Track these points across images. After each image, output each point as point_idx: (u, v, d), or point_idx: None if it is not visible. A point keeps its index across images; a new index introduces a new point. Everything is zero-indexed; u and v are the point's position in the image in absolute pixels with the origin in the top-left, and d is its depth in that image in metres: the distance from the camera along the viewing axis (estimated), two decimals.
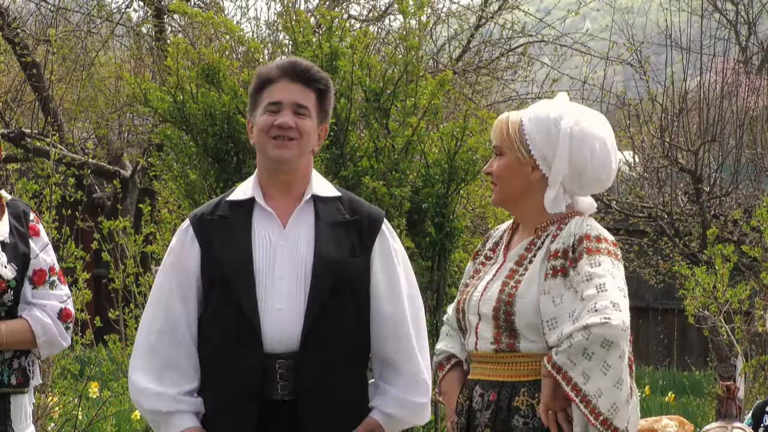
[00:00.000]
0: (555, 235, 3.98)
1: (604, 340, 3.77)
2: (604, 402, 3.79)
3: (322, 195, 4.26)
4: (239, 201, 4.24)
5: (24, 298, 4.55)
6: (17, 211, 4.61)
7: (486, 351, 3.99)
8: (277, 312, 4.11)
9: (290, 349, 4.10)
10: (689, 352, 16.05)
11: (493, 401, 3.95)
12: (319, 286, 4.13)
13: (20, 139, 13.77)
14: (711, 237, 9.56)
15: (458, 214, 7.56)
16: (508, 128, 4.01)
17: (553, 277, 3.92)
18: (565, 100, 4.09)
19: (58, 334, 4.57)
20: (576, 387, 3.79)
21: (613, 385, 3.80)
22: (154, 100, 7.76)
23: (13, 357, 4.55)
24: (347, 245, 4.20)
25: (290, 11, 8.35)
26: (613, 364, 3.79)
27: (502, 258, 4.10)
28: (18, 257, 4.53)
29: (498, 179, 4.03)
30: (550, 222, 4.02)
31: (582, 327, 3.78)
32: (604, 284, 3.83)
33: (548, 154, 3.99)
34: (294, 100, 4.18)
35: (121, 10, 15.54)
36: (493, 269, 4.08)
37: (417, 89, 7.58)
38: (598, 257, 3.89)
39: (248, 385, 4.10)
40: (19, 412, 4.58)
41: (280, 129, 4.16)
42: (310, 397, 4.11)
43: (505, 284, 3.97)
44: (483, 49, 14.82)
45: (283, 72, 4.21)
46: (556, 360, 3.81)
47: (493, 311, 3.95)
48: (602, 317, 3.78)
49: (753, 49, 20.08)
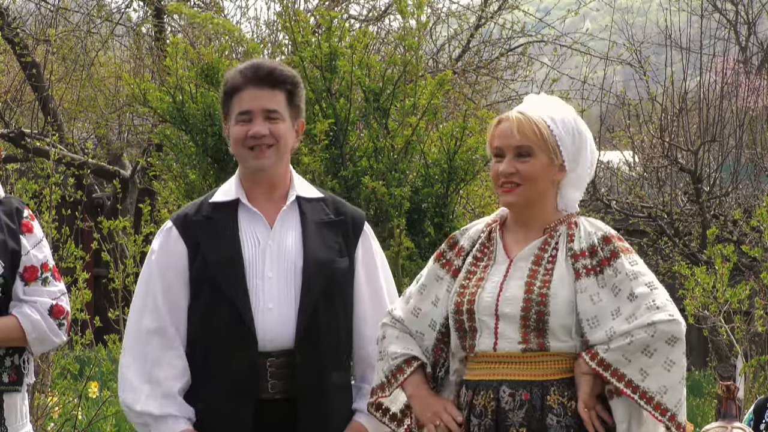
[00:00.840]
0: (571, 236, 4.00)
1: (671, 336, 3.83)
2: (671, 398, 3.82)
3: (306, 196, 4.28)
4: (224, 202, 4.23)
5: (16, 296, 4.54)
6: (10, 208, 4.60)
7: (511, 351, 3.97)
8: (269, 311, 4.11)
9: (282, 347, 4.11)
10: (689, 352, 16.00)
11: (527, 400, 3.95)
12: (311, 285, 4.14)
13: (20, 139, 13.78)
14: (711, 237, 9.56)
15: (458, 214, 7.55)
16: (540, 129, 4.00)
17: (586, 276, 3.94)
18: (558, 100, 4.14)
19: (48, 331, 4.54)
20: (632, 384, 3.82)
21: (678, 381, 3.85)
22: (153, 100, 7.77)
23: (5, 355, 4.54)
24: (335, 245, 4.22)
25: (290, 11, 8.35)
26: (677, 360, 3.84)
27: (504, 258, 4.08)
28: (6, 254, 4.52)
29: (525, 180, 4.01)
30: (558, 222, 4.04)
31: (647, 324, 3.82)
32: (653, 282, 3.91)
33: (573, 156, 4.05)
34: (263, 107, 4.16)
35: (121, 10, 15.56)
36: (499, 270, 4.06)
37: (416, 89, 7.58)
38: (632, 256, 3.96)
39: (243, 384, 4.09)
40: (13, 411, 4.56)
41: (255, 139, 4.15)
42: (305, 395, 4.11)
43: (531, 284, 3.97)
44: (483, 49, 14.83)
45: (247, 78, 4.18)
46: (605, 357, 3.83)
47: (522, 311, 3.94)
48: (668, 314, 3.84)
49: (753, 49, 20.09)
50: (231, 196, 4.23)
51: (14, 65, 15.16)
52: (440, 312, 4.11)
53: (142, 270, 4.25)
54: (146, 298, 4.21)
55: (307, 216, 4.22)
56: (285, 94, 4.19)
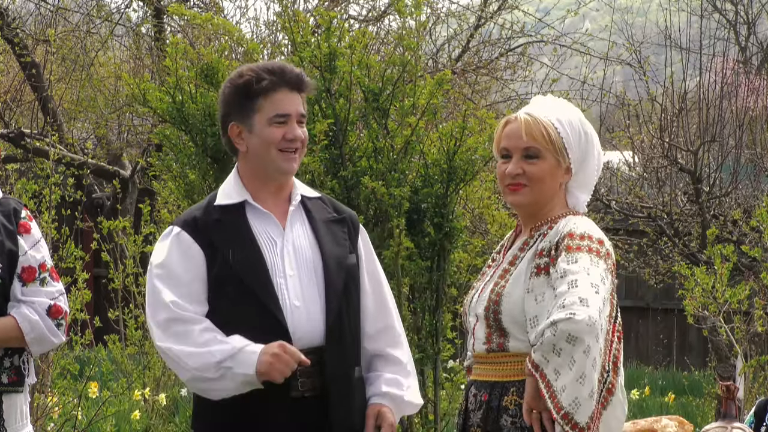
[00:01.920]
0: (545, 234, 4.00)
1: (569, 335, 3.78)
2: (567, 397, 3.79)
3: (309, 195, 4.31)
4: (231, 205, 4.23)
5: (14, 296, 4.54)
6: (7, 208, 4.60)
7: (480, 352, 4.02)
8: (297, 309, 4.13)
9: (312, 345, 4.12)
10: (689, 352, 16.05)
11: (485, 401, 3.99)
12: (333, 283, 4.17)
13: (20, 139, 13.78)
14: (710, 237, 9.57)
15: (457, 214, 7.55)
16: (548, 131, 4.00)
17: (536, 276, 3.95)
18: (564, 101, 4.14)
19: (47, 331, 4.54)
20: (549, 384, 3.81)
21: (576, 380, 3.80)
22: (153, 100, 7.76)
23: (5, 355, 4.54)
24: (344, 242, 4.25)
25: (289, 11, 8.35)
26: (577, 359, 3.79)
27: (501, 260, 4.12)
28: (3, 255, 4.52)
29: (533, 182, 4.01)
30: (544, 222, 4.05)
31: (549, 323, 3.80)
32: (576, 281, 3.84)
33: (580, 158, 4.07)
34: (299, 111, 4.19)
35: (121, 10, 15.55)
36: (492, 272, 4.12)
37: (416, 89, 7.58)
38: (576, 254, 3.90)
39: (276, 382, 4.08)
40: (13, 412, 4.56)
41: (290, 142, 4.17)
42: (335, 392, 4.14)
43: (496, 284, 4.01)
44: (482, 49, 14.83)
45: (280, 79, 4.18)
46: (534, 358, 3.83)
47: (484, 311, 3.98)
48: (567, 312, 3.78)
49: (752, 49, 20.11)
50: (236, 199, 4.23)
51: (14, 65, 15.15)
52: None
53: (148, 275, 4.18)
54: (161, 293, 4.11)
55: (313, 214, 4.25)
56: (305, 99, 4.25)
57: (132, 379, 9.68)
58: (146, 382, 9.91)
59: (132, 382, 9.63)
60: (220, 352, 4.03)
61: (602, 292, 3.85)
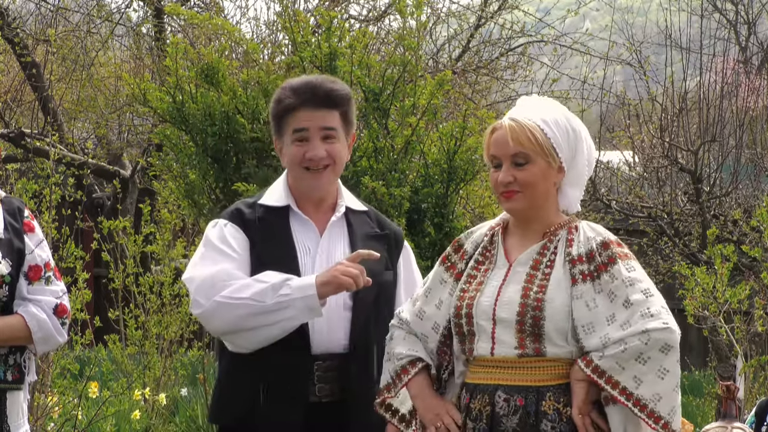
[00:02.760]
0: (570, 240, 4.00)
1: (665, 344, 3.84)
2: (664, 406, 3.82)
3: (354, 208, 4.36)
4: (275, 207, 4.27)
5: (19, 294, 4.55)
6: (12, 207, 4.61)
7: (507, 356, 3.97)
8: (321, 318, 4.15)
9: (332, 352, 4.18)
10: (689, 352, 16.04)
11: (521, 406, 3.94)
12: (363, 295, 4.20)
13: (20, 139, 13.77)
14: (711, 237, 9.56)
15: (458, 214, 7.55)
16: (535, 135, 3.99)
17: (582, 282, 3.94)
18: (549, 100, 4.12)
19: (53, 330, 4.56)
20: (626, 391, 3.82)
21: (672, 389, 3.85)
22: (153, 100, 7.77)
23: (8, 353, 4.54)
24: (382, 258, 4.27)
25: (289, 11, 8.35)
26: (671, 368, 3.85)
27: (504, 262, 4.08)
28: (13, 252, 4.52)
29: (525, 187, 4.00)
30: (558, 226, 4.04)
31: (640, 331, 3.83)
32: (649, 289, 3.91)
33: (569, 156, 4.04)
34: (320, 126, 4.20)
35: (121, 10, 15.55)
36: (499, 274, 4.06)
37: (416, 89, 7.58)
38: (630, 262, 3.96)
39: (295, 384, 4.15)
40: (15, 409, 4.57)
41: (312, 161, 4.21)
42: (356, 400, 4.19)
43: (528, 289, 3.96)
44: (483, 49, 14.83)
45: (302, 99, 4.20)
46: (599, 364, 3.84)
47: (517, 316, 3.94)
48: (662, 322, 3.85)
49: (753, 49, 20.08)
50: (282, 202, 4.28)
51: (14, 65, 15.15)
52: (443, 315, 4.12)
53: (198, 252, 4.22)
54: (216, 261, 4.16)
55: (354, 228, 4.31)
56: (340, 113, 4.25)
57: (132, 379, 9.69)
58: (146, 382, 9.91)
59: (132, 382, 9.63)
60: (272, 278, 4.06)
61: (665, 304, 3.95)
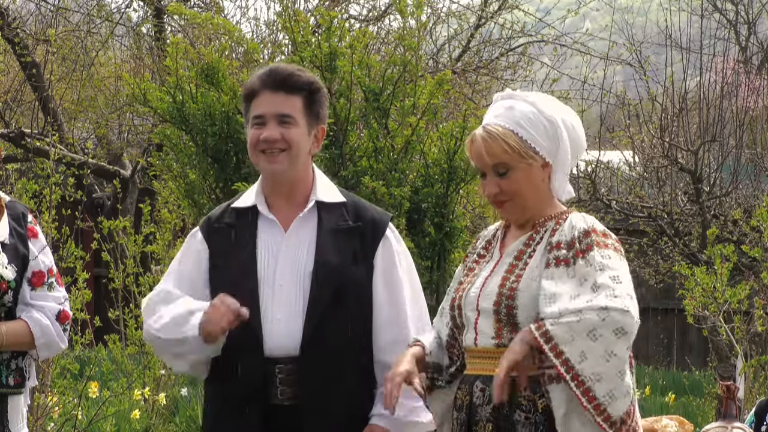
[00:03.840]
0: (555, 230, 3.98)
1: (620, 327, 3.75)
2: (602, 387, 3.74)
3: (327, 201, 4.25)
4: (244, 208, 4.25)
5: (23, 300, 4.55)
6: (16, 212, 4.61)
7: (486, 346, 3.97)
8: (277, 321, 4.12)
9: (289, 354, 4.12)
10: (689, 352, 16.05)
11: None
12: (320, 293, 4.13)
13: (20, 139, 13.78)
14: (711, 237, 9.56)
15: (458, 214, 7.56)
16: (508, 143, 3.95)
17: (555, 267, 3.89)
18: (519, 94, 4.07)
19: (56, 336, 4.57)
20: (567, 363, 3.74)
21: (615, 373, 3.76)
22: (153, 100, 7.77)
23: (11, 358, 4.55)
24: (349, 252, 4.19)
25: (289, 11, 8.35)
26: (619, 353, 3.75)
27: (498, 254, 4.09)
28: (18, 258, 4.53)
29: (512, 195, 3.96)
30: (549, 218, 4.03)
31: (600, 307, 3.74)
32: (618, 276, 3.84)
33: (552, 148, 3.99)
34: (276, 111, 4.15)
35: (121, 10, 15.56)
36: (490, 266, 4.08)
37: (416, 89, 7.58)
38: (607, 251, 3.89)
39: (250, 389, 4.11)
40: (15, 414, 4.58)
41: (266, 143, 4.15)
42: (311, 402, 4.12)
43: (506, 279, 3.96)
44: (483, 49, 14.83)
45: (263, 83, 4.18)
46: (550, 329, 3.75)
47: (493, 306, 3.93)
48: (624, 304, 3.77)
49: (753, 49, 20.09)
50: (249, 203, 4.24)
51: (14, 65, 15.15)
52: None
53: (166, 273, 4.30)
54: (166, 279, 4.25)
55: (323, 222, 4.21)
56: (302, 99, 4.18)
57: (132, 379, 9.68)
58: (146, 382, 9.91)
59: (132, 382, 9.63)
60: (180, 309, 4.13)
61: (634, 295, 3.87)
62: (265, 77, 4.19)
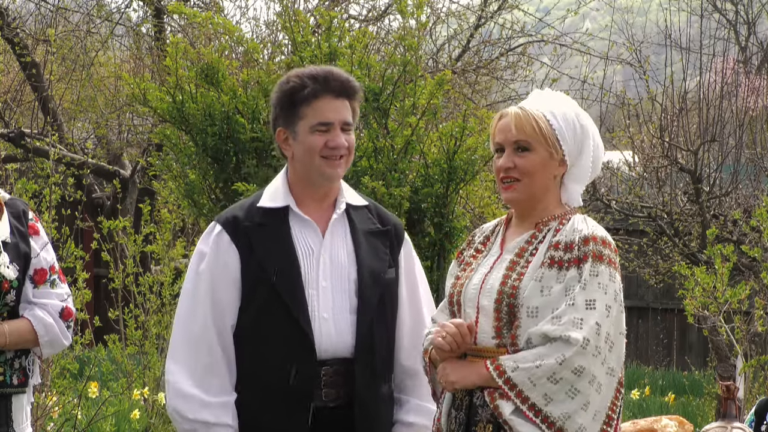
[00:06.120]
0: (557, 230, 4.00)
1: (578, 367, 3.81)
2: (572, 424, 3.82)
3: (354, 204, 4.32)
4: (274, 209, 4.23)
5: (25, 298, 4.55)
6: (17, 210, 4.60)
7: (487, 345, 3.98)
8: (324, 320, 4.14)
9: (338, 356, 4.14)
10: (689, 352, 16.05)
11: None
12: (368, 297, 4.18)
13: (20, 139, 13.77)
14: (711, 237, 9.56)
15: (457, 214, 7.55)
16: (539, 124, 4.00)
17: (549, 267, 3.93)
18: (562, 95, 4.13)
19: (60, 333, 4.57)
20: (534, 407, 3.82)
21: (581, 407, 3.82)
22: (153, 100, 7.76)
23: (14, 357, 4.55)
24: (384, 256, 4.26)
25: (289, 11, 8.35)
26: (582, 389, 3.82)
27: (498, 250, 4.10)
28: (20, 257, 4.53)
29: (525, 175, 4.02)
30: (552, 217, 4.04)
31: (558, 355, 3.80)
32: (594, 301, 3.86)
33: (574, 150, 4.05)
34: (343, 119, 4.19)
35: (121, 10, 15.55)
36: (489, 261, 4.08)
37: (416, 89, 7.58)
38: (600, 266, 3.91)
39: (300, 390, 4.11)
40: (20, 413, 4.58)
41: (333, 150, 4.19)
42: (361, 404, 4.15)
43: (507, 276, 3.97)
44: (482, 49, 14.82)
45: (322, 87, 4.18)
46: (511, 376, 3.84)
47: (495, 303, 3.95)
48: (582, 344, 3.80)
49: (753, 49, 20.09)
50: (280, 203, 4.24)
51: (14, 65, 15.14)
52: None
53: (189, 272, 4.22)
54: (195, 302, 4.17)
55: (356, 225, 4.26)
56: (356, 106, 4.25)
57: (132, 379, 9.68)
58: (146, 381, 9.90)
59: (132, 382, 9.62)
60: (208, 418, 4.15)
61: (613, 311, 3.89)
62: (323, 81, 4.19)
